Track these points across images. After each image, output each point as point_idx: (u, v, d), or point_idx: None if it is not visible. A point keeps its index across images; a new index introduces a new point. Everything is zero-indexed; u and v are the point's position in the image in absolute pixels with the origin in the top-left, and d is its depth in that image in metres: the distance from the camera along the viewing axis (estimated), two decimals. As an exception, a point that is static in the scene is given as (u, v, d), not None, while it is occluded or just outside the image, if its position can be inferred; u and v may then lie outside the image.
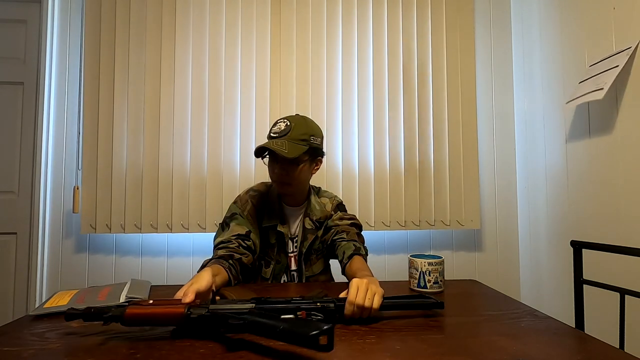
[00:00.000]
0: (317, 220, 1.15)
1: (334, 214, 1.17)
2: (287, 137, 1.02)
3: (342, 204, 1.22)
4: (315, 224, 1.14)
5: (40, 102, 1.81)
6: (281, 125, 1.05)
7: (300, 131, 1.03)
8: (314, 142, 1.06)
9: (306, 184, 1.14)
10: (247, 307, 0.65)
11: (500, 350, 0.60)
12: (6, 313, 1.80)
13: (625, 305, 0.87)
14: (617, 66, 1.29)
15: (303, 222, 1.14)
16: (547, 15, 1.77)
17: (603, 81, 1.32)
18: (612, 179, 1.38)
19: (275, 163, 1.06)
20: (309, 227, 1.14)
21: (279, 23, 1.90)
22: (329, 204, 1.19)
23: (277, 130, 1.04)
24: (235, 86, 1.87)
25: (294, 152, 1.00)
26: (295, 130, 1.03)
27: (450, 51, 1.97)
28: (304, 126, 1.05)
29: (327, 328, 0.53)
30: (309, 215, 1.15)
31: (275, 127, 1.06)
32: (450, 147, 1.94)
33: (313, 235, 1.14)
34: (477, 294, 0.95)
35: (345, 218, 1.16)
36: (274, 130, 1.05)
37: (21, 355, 0.58)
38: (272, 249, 1.12)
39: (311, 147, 1.05)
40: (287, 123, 1.04)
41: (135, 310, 0.63)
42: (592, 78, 1.41)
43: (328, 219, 1.16)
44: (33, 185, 1.82)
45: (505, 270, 1.99)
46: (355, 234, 1.12)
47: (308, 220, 1.14)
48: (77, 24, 1.87)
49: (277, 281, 1.12)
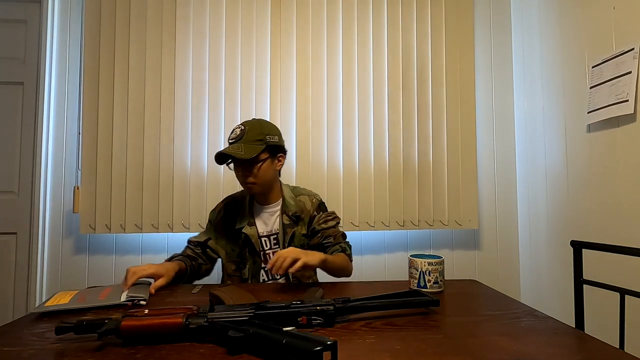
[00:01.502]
0: (293, 214, 1.21)
1: (317, 215, 1.24)
2: (243, 140, 1.10)
3: (322, 203, 1.29)
4: (292, 218, 1.21)
5: (40, 102, 1.81)
6: (237, 130, 1.14)
7: (255, 132, 1.12)
8: (270, 141, 1.13)
9: (273, 181, 1.21)
10: (246, 314, 0.64)
11: (500, 350, 0.60)
12: (6, 313, 1.80)
13: (625, 305, 0.87)
14: (630, 72, 1.28)
15: (281, 219, 1.21)
16: (547, 15, 1.77)
17: (623, 91, 1.31)
18: (612, 178, 1.38)
19: (238, 167, 1.14)
20: (286, 222, 1.21)
21: (279, 23, 1.90)
22: (308, 202, 1.25)
23: (234, 135, 1.13)
24: (236, 86, 1.87)
25: (249, 152, 1.08)
26: (250, 133, 1.11)
27: (450, 51, 1.97)
28: (258, 127, 1.14)
29: (331, 344, 0.52)
30: (285, 211, 1.21)
31: (232, 134, 1.14)
32: (449, 147, 1.94)
33: (292, 230, 1.20)
34: (477, 294, 0.95)
35: (329, 220, 1.24)
36: (231, 136, 1.14)
37: (21, 355, 0.58)
38: (244, 249, 1.20)
39: (268, 145, 1.13)
40: (242, 128, 1.13)
41: (131, 322, 0.61)
42: (605, 84, 1.39)
43: (312, 220, 1.23)
44: (33, 185, 1.82)
45: (505, 270, 1.99)
46: (340, 236, 1.23)
47: (285, 216, 1.21)
48: (77, 24, 1.87)
49: (256, 279, 1.19)
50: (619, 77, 1.33)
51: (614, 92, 1.35)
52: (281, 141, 1.19)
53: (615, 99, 1.34)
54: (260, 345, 0.57)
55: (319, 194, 1.32)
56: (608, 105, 1.38)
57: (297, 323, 0.67)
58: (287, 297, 0.89)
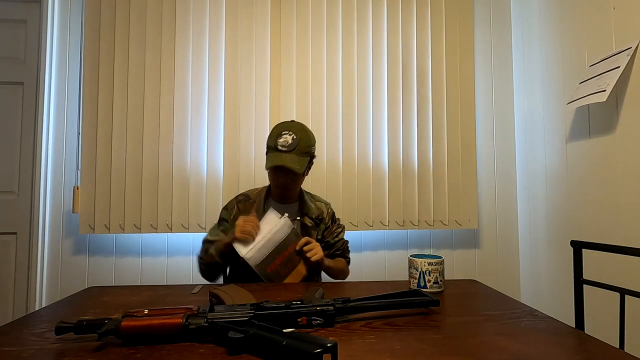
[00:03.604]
0: (316, 217, 1.26)
1: (331, 225, 1.30)
2: (296, 152, 1.12)
3: (334, 214, 1.35)
4: (314, 221, 1.25)
5: (40, 102, 1.81)
6: (287, 138, 1.13)
7: (306, 144, 1.14)
8: (313, 152, 1.20)
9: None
10: (246, 315, 0.64)
11: (500, 350, 0.60)
12: (6, 313, 1.79)
13: (625, 305, 0.87)
14: (618, 67, 1.29)
15: (301, 220, 1.24)
16: (547, 15, 1.77)
17: (605, 82, 1.32)
18: (612, 178, 1.38)
19: (281, 172, 1.15)
20: (309, 224, 1.24)
21: (278, 25, 1.90)
22: (325, 209, 1.30)
23: (285, 143, 1.12)
24: (236, 86, 1.86)
25: (302, 165, 1.13)
26: (302, 144, 1.13)
27: (450, 51, 1.97)
28: (307, 139, 1.16)
29: (331, 346, 0.52)
30: (306, 214, 1.25)
31: (281, 140, 1.13)
32: (449, 147, 1.94)
33: (315, 232, 1.24)
34: (476, 294, 0.95)
35: (339, 232, 1.32)
36: (281, 143, 1.12)
37: (21, 355, 0.58)
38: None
39: (312, 157, 1.19)
40: (294, 137, 1.13)
41: (131, 322, 0.61)
42: (593, 79, 1.41)
43: (326, 229, 1.29)
44: (33, 185, 1.81)
45: (505, 270, 1.99)
46: (346, 249, 1.32)
47: (307, 218, 1.24)
48: (77, 24, 1.87)
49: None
50: (607, 72, 1.34)
51: (596, 85, 1.37)
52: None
53: (596, 89, 1.36)
54: (260, 346, 0.57)
55: (318, 194, 1.33)
56: (586, 95, 1.40)
57: (297, 323, 0.67)
58: (287, 297, 0.89)
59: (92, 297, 0.93)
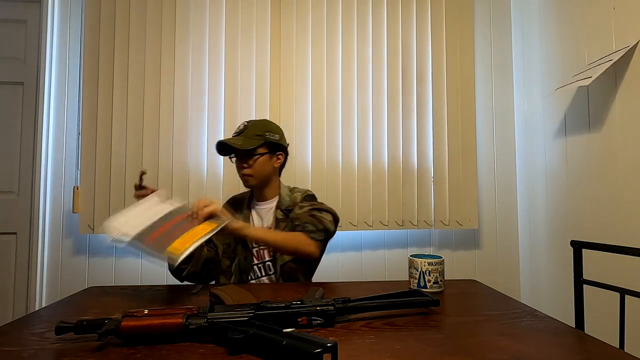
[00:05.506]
0: (285, 209, 1.22)
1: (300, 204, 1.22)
2: (244, 134, 1.17)
3: (310, 195, 1.28)
4: (285, 212, 1.22)
5: (40, 102, 1.81)
6: (241, 126, 1.21)
7: (256, 128, 1.18)
8: (270, 138, 1.18)
9: (269, 177, 1.22)
10: (246, 315, 0.64)
11: (500, 350, 0.60)
12: (6, 313, 1.79)
13: (625, 305, 0.87)
14: (611, 60, 1.30)
15: (275, 214, 1.22)
16: (547, 15, 1.77)
17: (594, 71, 1.34)
18: (612, 179, 1.38)
19: (237, 159, 1.19)
20: (280, 217, 1.21)
21: (278, 25, 1.90)
22: (300, 196, 1.26)
23: (237, 130, 1.20)
24: (235, 86, 1.86)
25: (247, 144, 1.14)
26: (251, 128, 1.18)
27: (450, 51, 1.97)
28: (260, 124, 1.20)
29: (331, 346, 0.52)
30: (279, 207, 1.23)
31: (237, 129, 1.21)
32: (449, 147, 1.94)
33: (284, 224, 1.20)
34: (476, 294, 0.95)
35: (305, 206, 1.20)
36: (235, 131, 1.21)
37: (21, 355, 0.58)
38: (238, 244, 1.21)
39: (267, 141, 1.17)
40: (246, 123, 1.20)
41: (131, 322, 0.61)
42: (586, 72, 1.43)
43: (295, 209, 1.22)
44: (33, 185, 1.81)
45: (505, 270, 1.99)
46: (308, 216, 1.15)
47: (279, 211, 1.22)
48: (77, 24, 1.87)
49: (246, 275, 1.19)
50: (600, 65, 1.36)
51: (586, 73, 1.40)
52: (282, 141, 1.23)
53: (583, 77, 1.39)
54: (260, 346, 0.57)
55: (317, 193, 1.31)
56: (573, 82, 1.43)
57: (297, 323, 0.67)
58: (287, 297, 0.89)
59: (92, 297, 0.93)
